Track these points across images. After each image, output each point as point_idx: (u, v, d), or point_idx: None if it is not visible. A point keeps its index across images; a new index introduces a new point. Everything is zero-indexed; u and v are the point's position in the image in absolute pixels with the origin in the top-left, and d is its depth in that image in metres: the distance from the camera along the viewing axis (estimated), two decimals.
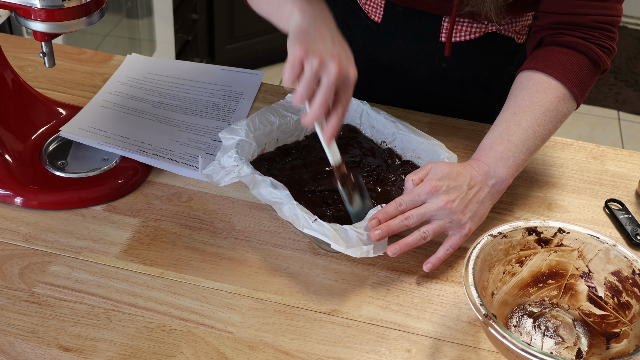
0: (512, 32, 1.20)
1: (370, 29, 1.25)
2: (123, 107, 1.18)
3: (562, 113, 1.01)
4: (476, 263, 0.83)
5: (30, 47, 1.33)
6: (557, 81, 0.99)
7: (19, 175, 1.03)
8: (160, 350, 0.84)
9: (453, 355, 0.86)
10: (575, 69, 1.00)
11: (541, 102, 0.99)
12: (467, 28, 1.18)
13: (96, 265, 0.94)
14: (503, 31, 1.19)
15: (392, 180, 1.06)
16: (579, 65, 1.01)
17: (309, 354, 0.85)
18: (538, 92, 0.99)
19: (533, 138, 0.98)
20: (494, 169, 0.96)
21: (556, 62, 1.01)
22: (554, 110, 0.99)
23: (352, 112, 1.14)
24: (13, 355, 0.85)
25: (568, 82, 1.00)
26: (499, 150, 0.97)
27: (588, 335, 0.88)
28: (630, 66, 3.30)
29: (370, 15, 1.24)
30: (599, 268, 0.89)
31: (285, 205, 0.93)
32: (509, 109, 1.00)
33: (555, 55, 1.02)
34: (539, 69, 1.01)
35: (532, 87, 1.00)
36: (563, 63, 1.01)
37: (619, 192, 1.11)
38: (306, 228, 0.91)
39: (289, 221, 0.93)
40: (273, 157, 1.09)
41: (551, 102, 0.99)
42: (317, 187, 1.03)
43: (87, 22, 0.95)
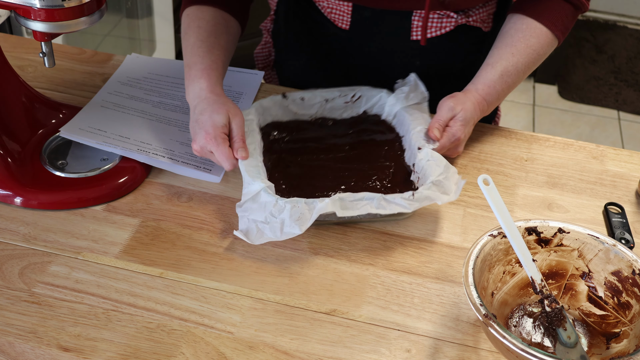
0: (480, 21, 1.23)
1: (338, 37, 1.25)
2: (123, 107, 1.18)
3: (546, 55, 1.16)
4: (476, 263, 0.83)
5: (30, 47, 1.33)
6: (547, 29, 1.13)
7: (18, 175, 1.03)
8: (160, 350, 0.84)
9: (453, 355, 0.86)
10: (562, 16, 1.14)
11: (534, 46, 1.13)
12: (437, 23, 1.19)
13: (96, 265, 0.94)
14: (472, 22, 1.22)
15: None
16: (565, 12, 1.14)
17: (309, 354, 0.85)
18: (532, 37, 1.13)
19: (520, 79, 1.14)
20: (489, 104, 1.12)
21: (546, 10, 1.14)
22: (542, 55, 1.15)
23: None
24: (13, 355, 0.85)
25: (556, 29, 1.14)
26: (498, 90, 1.12)
27: (588, 335, 0.88)
28: (630, 66, 3.30)
29: (337, 24, 1.23)
30: (599, 268, 0.89)
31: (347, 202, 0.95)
32: (507, 47, 1.13)
33: (544, 3, 1.14)
34: (532, 16, 1.13)
35: (527, 31, 1.13)
36: (551, 11, 1.14)
37: (619, 192, 1.11)
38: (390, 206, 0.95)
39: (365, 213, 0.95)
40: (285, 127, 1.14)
41: (541, 47, 1.14)
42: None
43: (87, 22, 0.95)
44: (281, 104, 1.15)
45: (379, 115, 1.17)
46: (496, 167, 1.14)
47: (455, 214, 1.05)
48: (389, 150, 1.10)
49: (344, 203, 0.94)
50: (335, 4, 1.21)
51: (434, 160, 1.01)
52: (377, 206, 0.94)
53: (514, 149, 1.18)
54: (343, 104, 1.17)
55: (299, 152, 1.10)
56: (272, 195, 0.95)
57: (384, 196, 0.95)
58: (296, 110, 1.16)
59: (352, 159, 1.09)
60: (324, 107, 1.17)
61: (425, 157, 1.02)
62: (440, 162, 1.00)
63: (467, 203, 1.07)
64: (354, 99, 1.17)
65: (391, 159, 1.08)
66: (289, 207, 0.93)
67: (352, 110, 1.17)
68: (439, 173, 0.98)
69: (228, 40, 1.13)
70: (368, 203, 0.94)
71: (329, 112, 1.17)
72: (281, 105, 1.15)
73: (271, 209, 0.94)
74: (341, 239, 1.00)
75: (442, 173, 0.98)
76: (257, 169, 0.99)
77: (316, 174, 1.06)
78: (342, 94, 1.17)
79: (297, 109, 1.16)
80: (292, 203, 0.93)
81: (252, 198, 0.96)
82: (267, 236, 0.93)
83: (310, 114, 1.16)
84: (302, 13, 1.27)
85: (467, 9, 1.20)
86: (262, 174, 0.99)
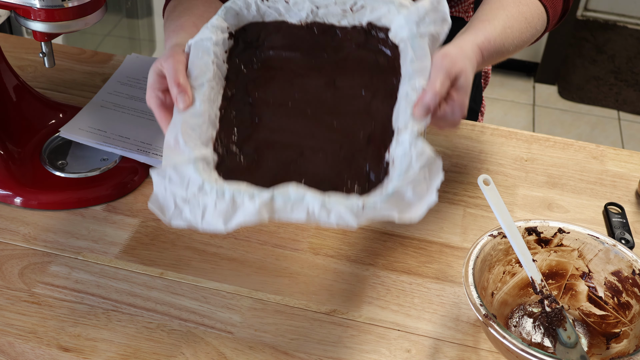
0: (462, 11, 1.23)
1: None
2: (123, 107, 1.18)
3: (537, 31, 0.99)
4: (476, 263, 0.83)
5: (30, 47, 1.33)
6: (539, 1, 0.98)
7: (18, 175, 1.03)
8: (160, 350, 0.84)
9: (453, 355, 0.86)
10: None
11: (526, 14, 0.97)
12: None
13: (96, 265, 0.94)
14: (454, 12, 1.22)
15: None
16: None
17: (309, 354, 0.85)
18: (522, 3, 0.97)
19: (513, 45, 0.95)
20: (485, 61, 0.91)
21: None
22: (534, 27, 0.98)
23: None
24: (13, 356, 0.85)
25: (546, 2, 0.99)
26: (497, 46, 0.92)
27: (588, 335, 0.88)
28: (630, 66, 3.30)
29: None
30: (599, 268, 0.89)
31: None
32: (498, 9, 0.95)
33: None
34: None
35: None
36: None
37: (619, 192, 1.11)
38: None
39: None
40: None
41: (532, 17, 0.97)
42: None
43: (87, 22, 0.95)
44: (259, 8, 0.91)
45: (386, 29, 0.89)
46: (496, 167, 1.14)
47: (455, 214, 1.05)
48: (375, 98, 0.85)
49: (276, 206, 0.75)
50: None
51: (415, 154, 0.76)
52: (317, 213, 0.74)
53: (514, 149, 1.18)
54: (340, 11, 0.90)
55: (267, 81, 0.87)
56: (200, 175, 0.76)
57: (326, 201, 0.74)
58: (279, 12, 0.91)
59: (328, 102, 0.86)
60: (315, 13, 0.91)
61: (405, 143, 0.77)
62: (421, 155, 0.76)
63: (467, 203, 1.07)
64: (355, 9, 0.90)
65: (373, 114, 0.84)
66: (214, 197, 0.75)
67: (354, 20, 0.91)
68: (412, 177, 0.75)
69: (206, 10, 0.98)
70: (307, 207, 0.75)
71: (323, 19, 0.91)
72: (259, 10, 0.91)
73: (194, 190, 0.76)
74: (341, 239, 1.00)
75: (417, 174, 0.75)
76: (198, 126, 0.80)
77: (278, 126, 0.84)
78: (340, 2, 0.90)
79: (281, 11, 0.91)
80: (219, 193, 0.75)
81: (175, 167, 0.77)
82: (186, 216, 0.75)
83: (298, 17, 0.91)
84: None
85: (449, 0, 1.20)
86: (204, 133, 0.80)
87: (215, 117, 0.83)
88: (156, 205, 0.77)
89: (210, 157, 0.79)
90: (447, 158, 1.14)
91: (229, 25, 0.89)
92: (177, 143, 0.78)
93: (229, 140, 0.82)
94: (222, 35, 0.87)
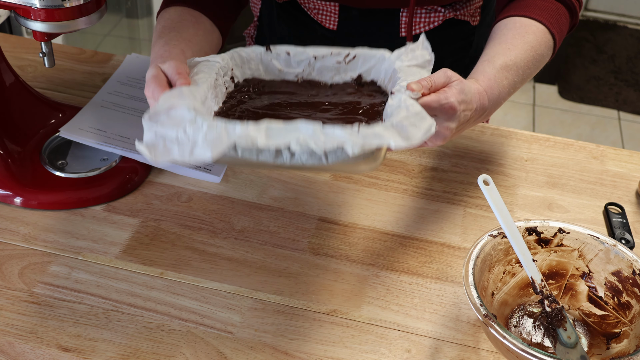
0: (467, 15, 1.22)
1: (326, 38, 1.24)
2: (123, 107, 1.18)
3: (545, 58, 1.01)
4: (476, 263, 0.83)
5: (30, 47, 1.33)
6: (543, 25, 1.00)
7: (18, 175, 1.03)
8: (160, 350, 0.84)
9: (453, 355, 0.86)
10: (556, 16, 1.02)
11: (532, 43, 0.98)
12: (425, 19, 1.19)
13: (96, 265, 0.94)
14: (460, 16, 1.21)
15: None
16: (558, 12, 1.02)
17: (309, 354, 0.85)
18: (528, 33, 0.99)
19: (522, 77, 0.97)
20: (490, 101, 0.93)
21: (538, 8, 1.01)
22: (541, 55, 0.99)
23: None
24: (13, 356, 0.85)
25: (552, 27, 1.00)
26: (499, 84, 0.94)
27: (588, 335, 0.88)
28: (630, 66, 3.30)
29: (324, 24, 1.23)
30: (599, 268, 0.89)
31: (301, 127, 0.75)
32: (502, 44, 0.98)
33: (535, 2, 1.02)
34: (524, 14, 1.01)
35: (521, 28, 0.99)
36: (545, 9, 1.02)
37: (619, 192, 1.11)
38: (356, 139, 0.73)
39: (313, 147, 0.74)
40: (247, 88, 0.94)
41: (540, 45, 0.99)
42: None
43: (87, 22, 0.95)
44: (263, 57, 0.97)
45: (375, 82, 0.96)
46: (496, 167, 1.14)
47: (455, 214, 1.05)
48: (369, 109, 0.89)
49: (270, 131, 0.75)
50: (321, 5, 1.21)
51: (405, 106, 0.79)
52: (312, 135, 0.74)
53: (514, 149, 1.18)
54: (335, 63, 0.97)
55: (262, 106, 0.92)
56: (192, 113, 0.78)
57: (322, 127, 0.75)
58: (281, 67, 0.98)
59: (323, 111, 0.90)
60: (312, 66, 0.98)
61: (395, 104, 0.81)
62: (412, 107, 0.79)
63: (467, 203, 1.07)
64: (348, 60, 0.97)
65: (367, 114, 0.88)
66: (205, 128, 0.76)
67: (346, 74, 0.98)
68: (404, 116, 0.77)
69: (195, 34, 1.02)
70: (300, 133, 0.75)
71: (318, 74, 0.98)
72: (263, 59, 0.97)
73: (186, 125, 0.76)
74: (341, 239, 1.00)
75: (409, 117, 0.77)
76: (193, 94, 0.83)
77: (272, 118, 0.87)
78: (335, 53, 0.97)
79: (282, 66, 0.98)
80: (211, 124, 0.76)
81: (168, 112, 0.79)
82: (174, 155, 0.76)
83: (296, 72, 0.98)
84: (287, 17, 1.27)
85: (454, 3, 1.20)
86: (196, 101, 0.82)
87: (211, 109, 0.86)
88: (143, 147, 0.76)
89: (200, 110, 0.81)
90: (447, 158, 1.15)
91: (233, 67, 0.95)
92: (177, 95, 0.80)
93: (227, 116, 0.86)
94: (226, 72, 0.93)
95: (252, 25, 1.38)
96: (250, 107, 0.90)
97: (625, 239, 1.01)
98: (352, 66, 0.97)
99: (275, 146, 0.75)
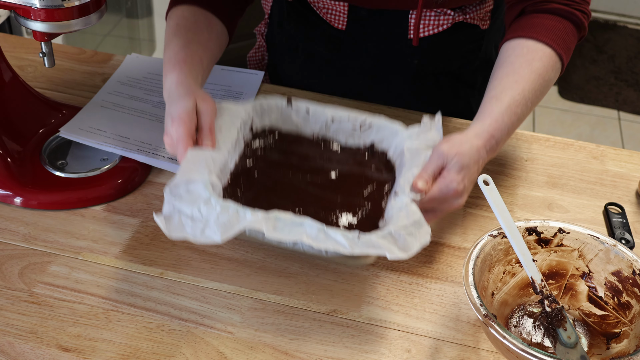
0: (477, 19, 1.22)
1: (334, 38, 1.24)
2: (123, 107, 1.18)
3: (552, 81, 1.02)
4: (476, 263, 0.83)
5: (30, 47, 1.33)
6: (550, 48, 1.00)
7: (18, 175, 1.03)
8: (160, 350, 0.84)
9: (453, 355, 0.86)
10: (563, 35, 1.02)
11: (539, 70, 0.99)
12: (434, 21, 1.19)
13: (96, 265, 0.94)
14: (469, 19, 1.21)
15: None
16: (566, 31, 1.02)
17: (309, 354, 0.85)
18: (535, 60, 1.00)
19: (530, 108, 0.99)
20: (499, 142, 0.96)
21: (545, 29, 1.01)
22: (548, 80, 1.01)
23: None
24: (13, 356, 0.85)
25: (558, 47, 1.01)
26: (507, 123, 0.96)
27: (588, 335, 0.88)
28: (630, 66, 3.30)
29: (333, 24, 1.23)
30: (599, 268, 0.89)
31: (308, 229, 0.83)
32: (509, 75, 0.99)
33: (542, 22, 1.02)
34: (531, 36, 1.01)
35: (528, 55, 1.00)
36: (552, 29, 1.01)
37: (619, 192, 1.11)
38: (353, 247, 0.81)
39: (320, 248, 0.82)
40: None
41: (547, 71, 1.00)
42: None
43: (87, 22, 0.95)
44: (284, 111, 1.03)
45: (385, 153, 1.01)
46: (496, 167, 1.14)
47: (455, 214, 1.05)
48: (374, 191, 0.96)
49: (278, 223, 0.82)
50: (331, 5, 1.21)
51: (406, 212, 0.86)
52: (314, 236, 0.81)
53: (514, 149, 1.18)
54: (351, 129, 1.02)
55: (276, 164, 0.99)
56: (208, 191, 0.84)
57: (326, 228, 0.82)
58: (298, 121, 1.03)
59: (330, 188, 0.96)
60: (329, 127, 1.03)
61: (397, 206, 0.87)
62: (412, 215, 0.85)
63: (467, 203, 1.07)
64: (364, 129, 1.02)
65: (371, 200, 0.94)
66: (218, 210, 0.83)
67: (360, 139, 1.03)
68: (403, 225, 0.84)
69: (209, 38, 1.06)
70: (305, 231, 0.82)
71: (334, 134, 1.03)
72: (283, 112, 1.03)
73: (201, 205, 0.83)
74: None
75: (408, 227, 0.84)
76: (214, 161, 0.89)
77: (281, 191, 0.95)
78: (352, 118, 1.02)
79: (300, 121, 1.03)
80: (224, 207, 0.83)
81: (187, 186, 0.85)
82: (187, 231, 0.82)
83: (312, 129, 1.04)
84: (297, 15, 1.27)
85: (464, 6, 1.20)
86: (215, 167, 0.89)
87: (229, 170, 0.94)
88: (161, 219, 0.83)
89: (220, 187, 0.89)
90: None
91: (254, 116, 1.01)
92: (198, 164, 0.87)
93: (234, 193, 0.93)
94: (246, 122, 0.99)
95: (262, 23, 1.38)
96: (265, 168, 0.97)
97: (625, 239, 1.01)
98: (366, 133, 1.03)
99: (281, 240, 0.83)
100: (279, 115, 1.03)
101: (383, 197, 0.94)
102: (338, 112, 1.02)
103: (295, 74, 1.33)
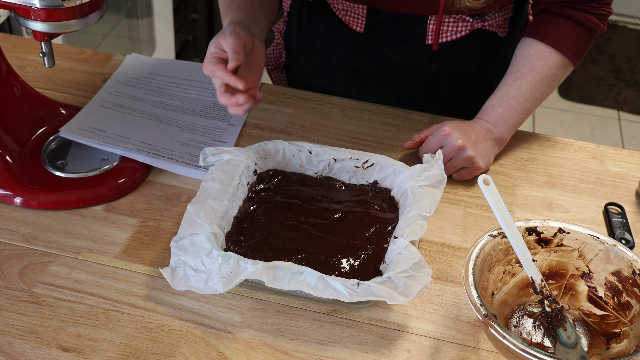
0: (495, 26, 1.22)
1: (353, 40, 1.24)
2: (123, 107, 1.18)
3: (560, 77, 1.14)
4: (476, 263, 0.83)
5: (30, 47, 1.33)
6: (557, 52, 1.12)
7: (18, 175, 1.03)
8: (160, 350, 0.84)
9: (453, 355, 0.86)
10: (574, 39, 1.12)
11: (541, 69, 1.12)
12: (453, 27, 1.19)
13: (96, 265, 0.94)
14: (487, 27, 1.21)
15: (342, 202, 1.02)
16: (577, 35, 1.12)
17: (309, 354, 0.85)
18: (539, 60, 1.12)
19: (531, 101, 1.12)
20: (495, 126, 1.11)
21: (556, 34, 1.12)
22: (552, 76, 1.12)
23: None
24: (13, 356, 0.85)
25: (567, 51, 1.12)
26: (499, 112, 1.12)
27: (588, 335, 0.88)
28: (630, 66, 3.30)
29: (351, 26, 1.23)
30: (599, 268, 0.89)
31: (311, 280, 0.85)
32: (511, 73, 1.13)
33: (555, 27, 1.12)
34: (540, 39, 1.12)
35: (533, 55, 1.12)
36: (562, 34, 1.12)
37: (619, 192, 1.11)
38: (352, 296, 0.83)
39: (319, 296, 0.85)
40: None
41: (550, 69, 1.12)
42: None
43: (87, 22, 0.95)
44: (286, 152, 1.05)
45: (389, 190, 1.03)
46: (496, 167, 1.14)
47: (455, 214, 1.05)
48: (377, 231, 0.97)
49: (278, 272, 0.85)
50: (350, 7, 1.21)
51: (406, 254, 0.87)
52: (313, 286, 0.84)
53: (514, 149, 1.18)
54: (353, 167, 1.04)
55: (280, 207, 1.00)
56: (210, 244, 0.87)
57: (325, 277, 0.84)
58: (302, 162, 1.05)
59: (333, 229, 0.97)
60: (332, 166, 1.05)
61: (398, 249, 0.89)
62: (412, 257, 0.87)
63: (467, 203, 1.07)
64: (366, 166, 1.04)
65: (374, 241, 0.96)
66: (219, 261, 0.86)
67: (363, 177, 1.05)
68: (403, 269, 0.85)
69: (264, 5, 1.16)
70: (304, 280, 0.84)
71: (337, 173, 1.05)
72: (286, 154, 1.05)
73: (203, 257, 0.86)
74: None
75: (407, 270, 0.85)
76: (214, 212, 0.93)
77: (284, 235, 0.96)
78: (354, 157, 1.04)
79: (304, 162, 1.05)
80: (225, 258, 0.86)
81: (191, 238, 0.89)
82: (191, 283, 0.86)
83: (315, 169, 1.05)
84: (316, 15, 1.27)
85: (483, 14, 1.20)
86: (216, 217, 0.92)
87: (232, 215, 0.97)
88: (167, 272, 0.87)
89: (222, 236, 0.92)
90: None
91: (257, 160, 1.03)
92: (198, 216, 0.90)
93: (237, 238, 0.95)
94: (249, 166, 1.02)
95: (281, 21, 1.38)
96: (268, 210, 0.99)
97: (625, 239, 1.01)
98: (369, 172, 1.05)
99: (281, 288, 0.87)
100: (282, 157, 1.06)
101: (386, 239, 0.96)
102: (340, 153, 1.05)
103: (311, 74, 1.33)
